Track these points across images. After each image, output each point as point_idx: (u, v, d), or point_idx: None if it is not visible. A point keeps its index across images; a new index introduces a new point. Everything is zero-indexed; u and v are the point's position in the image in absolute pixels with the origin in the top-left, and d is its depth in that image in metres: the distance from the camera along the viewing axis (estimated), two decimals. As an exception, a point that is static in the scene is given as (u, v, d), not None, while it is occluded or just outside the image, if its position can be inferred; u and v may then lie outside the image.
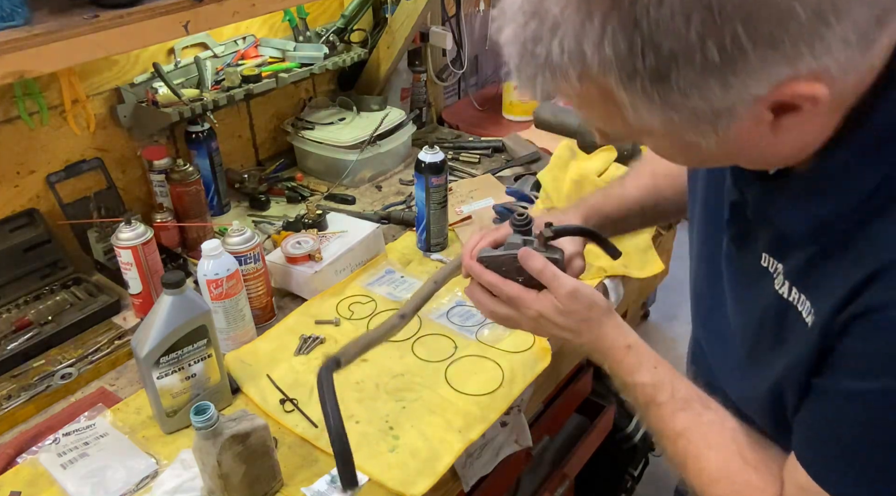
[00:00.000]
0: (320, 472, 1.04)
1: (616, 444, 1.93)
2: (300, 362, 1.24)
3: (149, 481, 1.02)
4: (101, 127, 1.50)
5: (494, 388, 1.17)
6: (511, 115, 2.23)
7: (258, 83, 1.62)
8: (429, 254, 1.53)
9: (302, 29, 1.76)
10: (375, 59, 1.93)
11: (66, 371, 1.20)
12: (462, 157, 1.94)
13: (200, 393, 1.11)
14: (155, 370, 1.05)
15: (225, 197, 1.70)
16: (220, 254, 1.18)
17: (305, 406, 1.15)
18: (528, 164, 1.89)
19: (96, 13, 1.09)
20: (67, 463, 1.04)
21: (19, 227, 1.39)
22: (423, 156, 1.44)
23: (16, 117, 1.36)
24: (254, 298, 1.29)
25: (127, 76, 1.52)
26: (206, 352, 1.10)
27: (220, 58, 1.67)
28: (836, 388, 0.60)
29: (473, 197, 1.73)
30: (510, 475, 1.43)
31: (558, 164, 1.48)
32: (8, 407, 1.13)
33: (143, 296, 1.30)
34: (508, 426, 1.17)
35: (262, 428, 0.95)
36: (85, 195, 1.47)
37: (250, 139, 1.86)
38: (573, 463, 1.65)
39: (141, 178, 1.61)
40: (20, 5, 1.03)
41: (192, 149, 1.62)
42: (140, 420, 1.13)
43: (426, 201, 1.47)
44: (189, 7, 1.17)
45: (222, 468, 0.93)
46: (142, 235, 1.27)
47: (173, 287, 1.03)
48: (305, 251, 1.39)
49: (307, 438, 1.09)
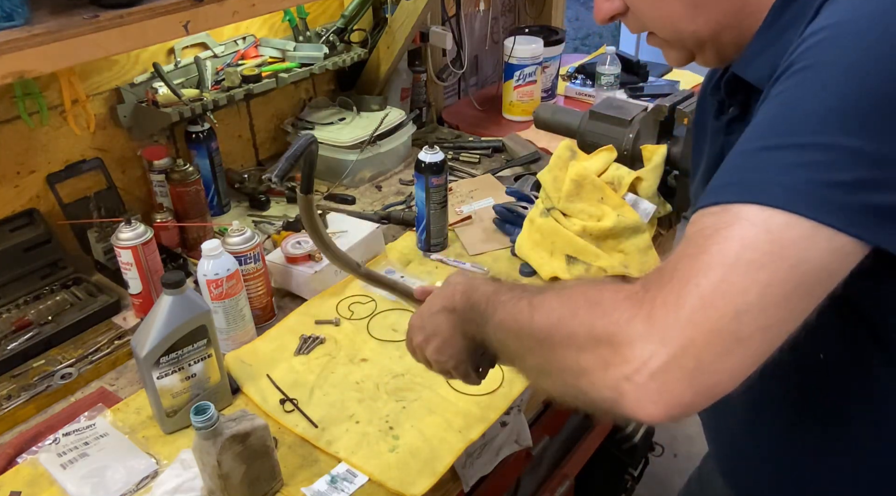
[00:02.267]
0: (320, 472, 1.04)
1: (616, 444, 1.93)
2: (300, 362, 1.24)
3: (149, 481, 1.02)
4: (101, 127, 1.50)
5: (494, 388, 1.17)
6: (511, 115, 2.23)
7: (258, 83, 1.62)
8: (429, 254, 1.53)
9: (302, 29, 1.76)
10: (375, 59, 1.93)
11: (66, 371, 1.20)
12: (462, 157, 1.94)
13: (200, 393, 1.11)
14: (155, 370, 1.05)
15: (225, 197, 1.70)
16: (220, 255, 1.18)
17: (305, 406, 1.15)
18: (528, 163, 1.89)
19: (96, 13, 1.09)
20: (67, 463, 1.04)
21: (19, 227, 1.39)
22: (423, 156, 1.44)
23: (16, 117, 1.36)
24: (254, 298, 1.29)
25: (127, 76, 1.52)
26: (206, 352, 1.10)
27: (220, 58, 1.67)
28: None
29: (473, 197, 1.73)
30: (510, 475, 1.43)
31: (558, 164, 1.48)
32: (8, 407, 1.13)
33: (143, 296, 1.30)
34: (508, 426, 1.17)
35: (262, 428, 0.95)
36: (85, 195, 1.47)
37: (250, 139, 1.86)
38: (573, 463, 1.65)
39: (141, 178, 1.61)
40: (20, 5, 1.03)
41: (192, 149, 1.62)
42: (140, 420, 1.13)
43: (426, 201, 1.47)
44: (189, 7, 1.17)
45: (222, 468, 0.93)
46: (142, 235, 1.27)
47: (173, 287, 1.03)
48: (305, 251, 1.39)
49: (307, 438, 1.09)
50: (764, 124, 0.54)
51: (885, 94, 0.49)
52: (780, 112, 0.53)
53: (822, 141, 0.50)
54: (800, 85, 0.52)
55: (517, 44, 2.13)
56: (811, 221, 0.49)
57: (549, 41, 2.20)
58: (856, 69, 0.50)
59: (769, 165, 0.51)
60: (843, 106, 0.50)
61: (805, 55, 0.53)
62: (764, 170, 0.51)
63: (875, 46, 0.50)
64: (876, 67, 0.50)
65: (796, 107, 0.52)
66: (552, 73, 2.29)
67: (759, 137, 0.53)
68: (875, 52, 0.50)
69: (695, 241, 0.52)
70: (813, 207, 0.49)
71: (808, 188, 0.49)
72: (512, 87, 2.17)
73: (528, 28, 2.33)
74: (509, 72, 2.16)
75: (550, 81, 2.29)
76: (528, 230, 1.47)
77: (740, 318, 0.48)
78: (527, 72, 2.15)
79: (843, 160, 0.49)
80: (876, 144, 0.49)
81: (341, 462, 1.05)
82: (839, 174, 0.49)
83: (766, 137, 0.53)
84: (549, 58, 2.22)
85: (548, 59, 2.22)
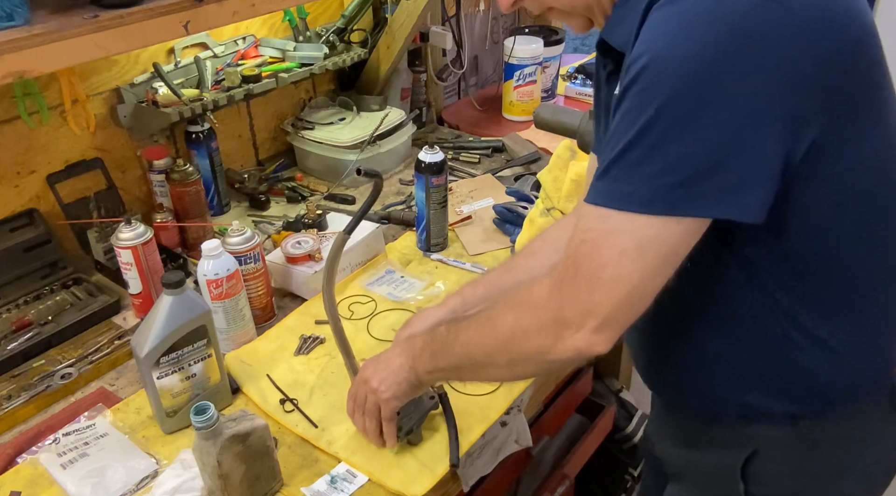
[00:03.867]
0: (320, 472, 1.04)
1: (616, 444, 1.93)
2: (300, 362, 1.24)
3: (149, 481, 1.02)
4: (101, 127, 1.50)
5: (494, 388, 1.17)
6: (511, 115, 2.23)
7: (258, 83, 1.61)
8: (429, 254, 1.53)
9: (302, 29, 1.76)
10: (375, 59, 1.93)
11: (66, 371, 1.20)
12: (462, 157, 1.94)
13: (200, 393, 1.11)
14: (155, 370, 1.05)
15: (225, 197, 1.70)
16: (220, 255, 1.18)
17: (305, 406, 1.15)
18: (528, 164, 1.89)
19: (96, 13, 1.09)
20: (67, 463, 1.04)
21: (19, 227, 1.39)
22: (423, 156, 1.44)
23: (16, 117, 1.36)
24: (254, 298, 1.29)
25: (127, 76, 1.52)
26: (206, 352, 1.10)
27: (220, 58, 1.67)
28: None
29: (473, 197, 1.73)
30: (510, 475, 1.43)
31: (558, 164, 1.48)
32: (8, 407, 1.13)
33: (143, 296, 1.30)
34: (508, 426, 1.17)
35: (262, 428, 0.95)
36: (85, 195, 1.47)
37: (250, 139, 1.86)
38: (573, 463, 1.65)
39: (141, 178, 1.61)
40: (20, 5, 1.03)
41: (192, 149, 1.62)
42: (140, 420, 1.13)
43: (426, 201, 1.47)
44: (189, 7, 1.17)
45: (222, 468, 0.93)
46: (142, 235, 1.27)
47: (173, 287, 1.03)
48: (305, 251, 1.39)
49: (307, 438, 1.09)
50: (616, 139, 0.71)
51: (688, 117, 0.67)
52: (625, 134, 0.70)
53: (656, 155, 0.68)
54: (632, 110, 0.69)
55: (517, 44, 2.13)
56: (662, 217, 0.70)
57: (549, 41, 2.20)
58: (666, 108, 0.67)
59: (629, 177, 0.70)
60: (663, 130, 0.68)
61: (633, 87, 0.69)
62: (627, 180, 0.70)
63: (681, 92, 0.67)
64: (678, 105, 0.67)
65: (633, 131, 0.69)
66: (552, 73, 2.29)
67: (618, 153, 0.71)
68: (679, 95, 0.67)
69: (589, 243, 0.74)
70: (661, 206, 0.69)
71: (656, 192, 0.69)
72: (512, 87, 2.17)
73: (528, 28, 2.33)
74: (509, 72, 2.16)
75: (550, 81, 2.29)
76: (528, 230, 1.47)
77: (631, 292, 0.73)
78: (527, 72, 2.15)
79: (673, 166, 0.68)
80: (686, 149, 0.68)
81: (341, 462, 1.05)
82: (672, 177, 0.68)
83: (622, 153, 0.71)
84: (549, 58, 2.22)
85: (548, 59, 2.22)
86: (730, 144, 0.67)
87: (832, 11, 0.69)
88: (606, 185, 0.72)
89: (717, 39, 0.65)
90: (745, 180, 0.68)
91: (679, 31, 0.67)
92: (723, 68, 0.65)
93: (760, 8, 0.66)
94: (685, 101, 0.66)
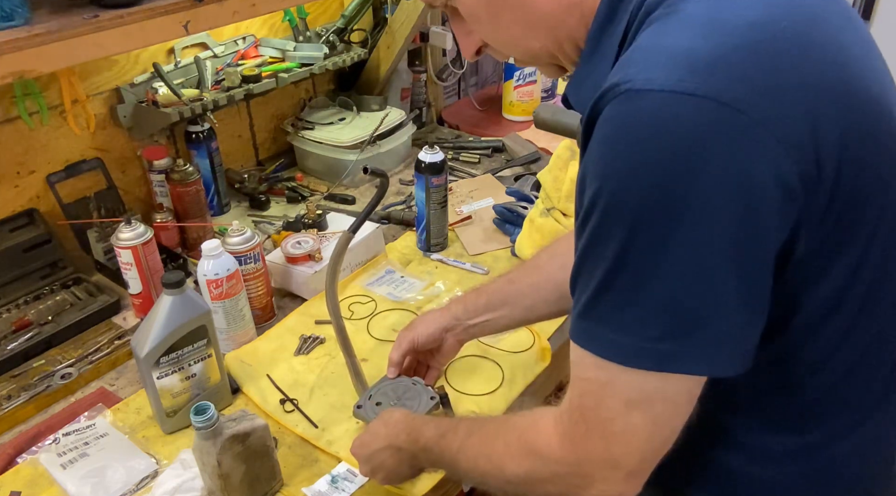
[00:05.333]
0: (320, 472, 1.04)
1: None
2: (300, 362, 1.24)
3: (149, 481, 1.02)
4: (101, 127, 1.50)
5: (494, 388, 1.17)
6: (511, 115, 2.23)
7: (258, 83, 1.62)
8: (429, 254, 1.53)
9: (302, 29, 1.76)
10: (375, 59, 1.93)
11: (66, 371, 1.20)
12: (462, 157, 1.94)
13: (200, 393, 1.11)
14: (155, 370, 1.05)
15: (225, 197, 1.71)
16: (220, 255, 1.18)
17: (305, 406, 1.15)
18: (527, 164, 1.89)
19: (96, 13, 1.09)
20: (67, 463, 1.04)
21: (19, 227, 1.39)
22: (423, 156, 1.44)
23: (16, 117, 1.36)
24: (254, 298, 1.29)
25: (127, 76, 1.52)
26: (206, 352, 1.10)
27: (220, 58, 1.67)
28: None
29: (473, 197, 1.73)
30: (510, 475, 1.43)
31: (558, 164, 1.48)
32: (8, 407, 1.13)
33: (143, 296, 1.30)
34: (508, 426, 1.16)
35: (262, 428, 0.95)
36: (85, 195, 1.47)
37: (250, 139, 1.86)
38: (573, 463, 1.64)
39: (141, 178, 1.61)
40: (20, 5, 1.03)
41: (192, 149, 1.62)
42: (140, 420, 1.13)
43: (426, 201, 1.47)
44: (189, 7, 1.17)
45: (222, 468, 0.93)
46: (142, 235, 1.27)
47: (173, 287, 1.03)
48: (305, 251, 1.39)
49: (307, 438, 1.09)
50: (590, 261, 0.64)
51: (651, 262, 0.60)
52: (597, 264, 0.63)
53: (631, 298, 0.62)
54: (600, 237, 0.62)
55: (517, 44, 2.13)
56: (656, 373, 0.63)
57: (549, 41, 2.20)
58: (630, 247, 0.60)
59: (610, 322, 0.64)
60: (631, 274, 0.61)
61: (592, 215, 0.62)
62: (608, 326, 0.64)
63: (637, 231, 0.60)
64: (638, 247, 0.60)
65: (604, 267, 0.62)
66: (552, 73, 2.28)
67: (595, 289, 0.64)
68: (637, 235, 0.60)
69: (590, 394, 0.68)
70: (649, 363, 0.63)
71: (641, 348, 0.62)
72: (512, 87, 2.17)
73: (528, 28, 2.32)
74: (509, 72, 2.16)
75: (550, 81, 2.29)
76: (528, 230, 1.47)
77: (651, 438, 0.67)
78: (527, 72, 2.15)
79: (649, 316, 0.61)
80: (657, 298, 0.61)
81: (341, 462, 1.05)
82: (653, 330, 0.61)
83: (599, 292, 0.64)
84: (549, 58, 2.22)
85: (548, 59, 2.22)
86: (699, 292, 0.60)
87: (812, 106, 0.58)
88: (591, 327, 0.66)
89: (670, 161, 0.57)
90: (725, 330, 0.62)
91: (627, 155, 0.59)
92: (677, 199, 0.57)
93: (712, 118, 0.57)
94: (644, 243, 0.59)
